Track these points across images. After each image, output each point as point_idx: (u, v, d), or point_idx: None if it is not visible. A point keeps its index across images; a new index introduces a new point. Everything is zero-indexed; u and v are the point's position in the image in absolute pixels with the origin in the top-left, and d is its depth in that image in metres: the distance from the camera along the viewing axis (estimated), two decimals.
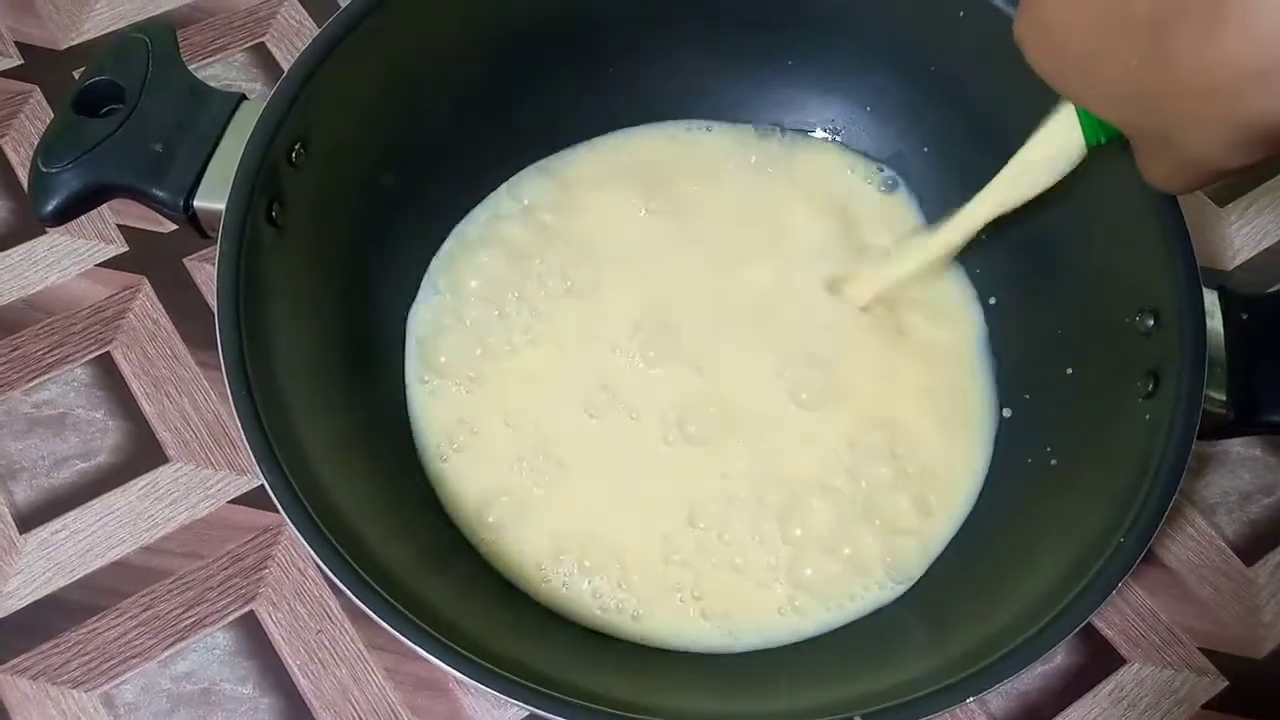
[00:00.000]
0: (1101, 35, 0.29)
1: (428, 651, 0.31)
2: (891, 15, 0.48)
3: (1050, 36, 0.31)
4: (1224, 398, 0.37)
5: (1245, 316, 0.39)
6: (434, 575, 0.38)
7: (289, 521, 0.32)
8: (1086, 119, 0.35)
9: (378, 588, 0.32)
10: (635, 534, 0.42)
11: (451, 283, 0.47)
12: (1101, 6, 0.28)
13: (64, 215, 0.38)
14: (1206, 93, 0.26)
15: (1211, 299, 0.39)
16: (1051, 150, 0.38)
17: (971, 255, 0.47)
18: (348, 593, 0.32)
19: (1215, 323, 0.38)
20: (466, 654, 0.31)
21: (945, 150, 0.49)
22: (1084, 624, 0.33)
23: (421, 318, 0.46)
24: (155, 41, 0.40)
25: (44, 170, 0.38)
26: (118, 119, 0.39)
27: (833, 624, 0.41)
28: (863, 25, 0.49)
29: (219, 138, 0.39)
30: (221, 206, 0.37)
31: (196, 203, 0.38)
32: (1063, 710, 0.43)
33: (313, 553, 0.32)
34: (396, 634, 0.31)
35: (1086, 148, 0.36)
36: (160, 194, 0.38)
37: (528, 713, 0.42)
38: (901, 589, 0.42)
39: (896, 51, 0.49)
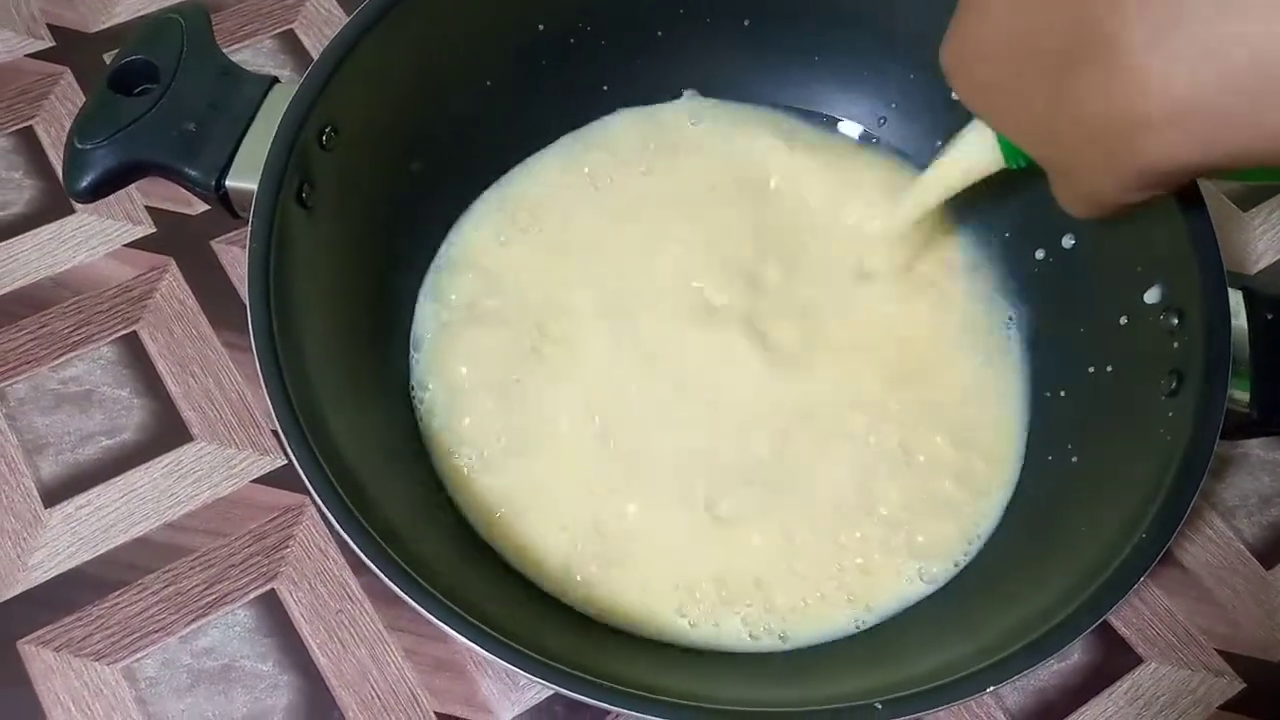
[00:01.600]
0: (1014, 73, 0.30)
1: (450, 626, 0.31)
2: (916, 13, 0.48)
3: (970, 69, 0.32)
4: (1247, 397, 0.37)
5: (1270, 316, 0.39)
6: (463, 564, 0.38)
7: (309, 485, 0.33)
8: (1005, 143, 0.37)
9: (403, 564, 0.33)
10: (755, 559, 0.42)
11: (442, 380, 0.45)
12: (1016, 47, 0.30)
13: (97, 192, 0.39)
14: (1101, 135, 0.28)
15: (1236, 299, 0.38)
16: (968, 166, 0.40)
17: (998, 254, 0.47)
18: (371, 565, 0.32)
19: (1239, 322, 0.38)
20: (491, 631, 0.32)
21: None
22: (1101, 620, 0.33)
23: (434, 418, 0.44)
24: (190, 23, 0.41)
25: (79, 147, 0.38)
26: (152, 98, 0.39)
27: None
28: (887, 22, 0.49)
29: (251, 119, 0.40)
30: (253, 186, 0.37)
31: (228, 182, 0.39)
32: (1079, 707, 0.43)
33: (334, 520, 0.32)
34: (420, 609, 0.32)
35: (1006, 168, 0.38)
36: (193, 173, 0.39)
37: (545, 696, 0.42)
38: (999, 500, 0.43)
39: (921, 49, 0.48)
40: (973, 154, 0.39)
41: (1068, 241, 0.45)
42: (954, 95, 0.34)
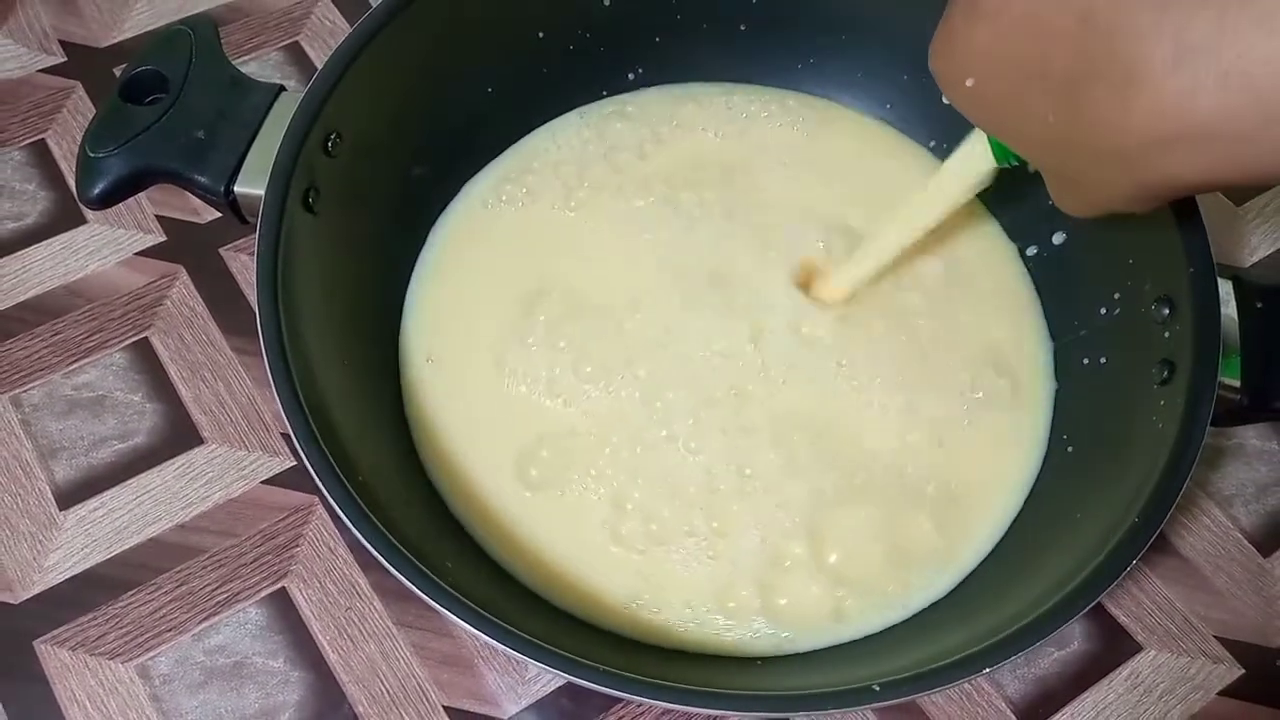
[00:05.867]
0: (1020, 87, 0.30)
1: (466, 621, 0.32)
2: (906, 18, 0.48)
3: (964, 78, 0.32)
4: (1238, 384, 0.38)
5: (1260, 305, 0.39)
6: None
7: (319, 483, 0.33)
8: (997, 143, 0.36)
9: (415, 560, 0.33)
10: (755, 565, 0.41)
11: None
12: (1021, 60, 0.29)
13: (109, 199, 0.39)
14: (1116, 152, 0.28)
15: (1226, 288, 0.39)
16: (966, 169, 0.39)
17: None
18: (382, 560, 0.33)
19: (1230, 311, 0.39)
20: (503, 624, 0.32)
21: None
22: (1095, 603, 0.34)
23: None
24: (198, 34, 0.42)
25: (91, 155, 0.39)
26: (162, 107, 0.40)
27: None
28: (879, 26, 0.50)
29: (259, 126, 0.40)
30: (260, 192, 0.38)
31: (237, 188, 0.40)
32: (1079, 695, 0.44)
33: (348, 521, 0.33)
34: (434, 603, 0.32)
35: (996, 166, 0.37)
36: (202, 179, 0.40)
37: (552, 690, 0.43)
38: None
39: (913, 52, 0.49)
40: (965, 162, 0.39)
41: (1058, 238, 0.46)
42: (945, 100, 0.34)
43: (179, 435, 0.48)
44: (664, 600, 0.41)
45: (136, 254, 0.52)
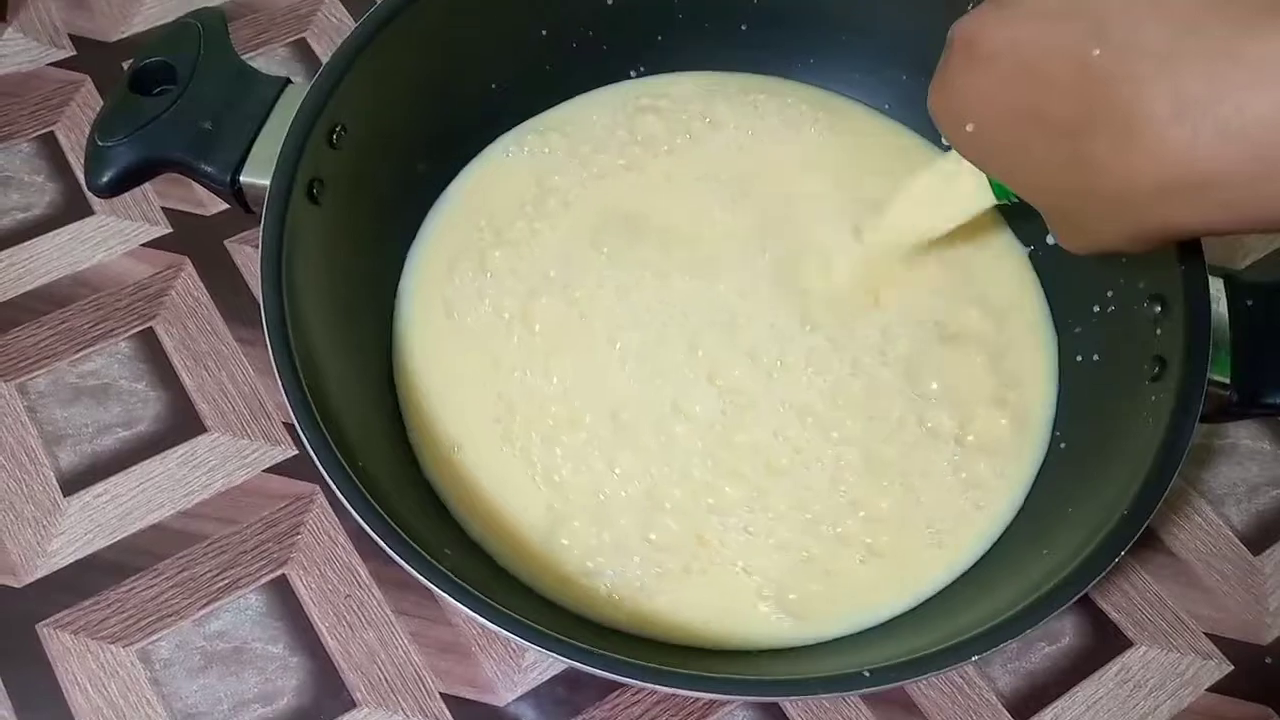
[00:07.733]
0: (1019, 132, 0.30)
1: (467, 605, 0.33)
2: (905, 20, 0.49)
3: (964, 122, 0.32)
4: (1228, 381, 0.38)
5: (1250, 303, 0.40)
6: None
7: (320, 467, 0.34)
8: (996, 182, 0.37)
9: (418, 547, 0.34)
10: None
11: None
12: (1019, 106, 0.30)
13: (117, 187, 0.40)
14: (1117, 198, 0.28)
15: (1217, 286, 0.40)
16: (962, 208, 0.40)
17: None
18: (385, 547, 0.33)
19: (1220, 309, 0.39)
20: (505, 609, 0.33)
21: None
22: (1083, 594, 0.34)
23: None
24: (206, 26, 0.42)
25: (100, 144, 0.40)
26: (170, 98, 0.41)
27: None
28: (878, 28, 0.51)
29: (265, 118, 0.41)
30: (266, 183, 0.39)
31: (242, 178, 0.40)
32: (1070, 690, 0.44)
33: (346, 503, 0.34)
34: (434, 587, 0.33)
35: (997, 202, 0.38)
36: (208, 169, 0.40)
37: (547, 678, 0.44)
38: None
39: (911, 53, 0.50)
40: (961, 197, 0.40)
41: (1052, 238, 0.46)
42: (944, 141, 0.35)
43: (182, 423, 0.48)
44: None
45: (142, 245, 0.53)
